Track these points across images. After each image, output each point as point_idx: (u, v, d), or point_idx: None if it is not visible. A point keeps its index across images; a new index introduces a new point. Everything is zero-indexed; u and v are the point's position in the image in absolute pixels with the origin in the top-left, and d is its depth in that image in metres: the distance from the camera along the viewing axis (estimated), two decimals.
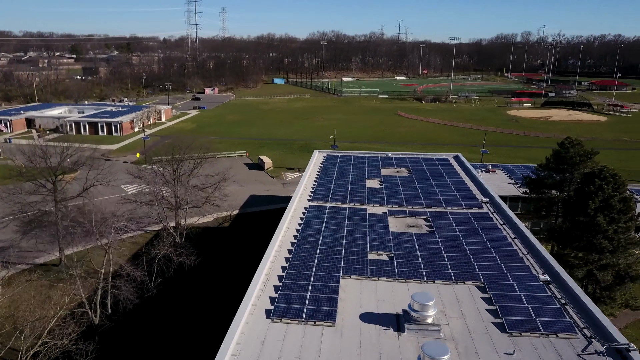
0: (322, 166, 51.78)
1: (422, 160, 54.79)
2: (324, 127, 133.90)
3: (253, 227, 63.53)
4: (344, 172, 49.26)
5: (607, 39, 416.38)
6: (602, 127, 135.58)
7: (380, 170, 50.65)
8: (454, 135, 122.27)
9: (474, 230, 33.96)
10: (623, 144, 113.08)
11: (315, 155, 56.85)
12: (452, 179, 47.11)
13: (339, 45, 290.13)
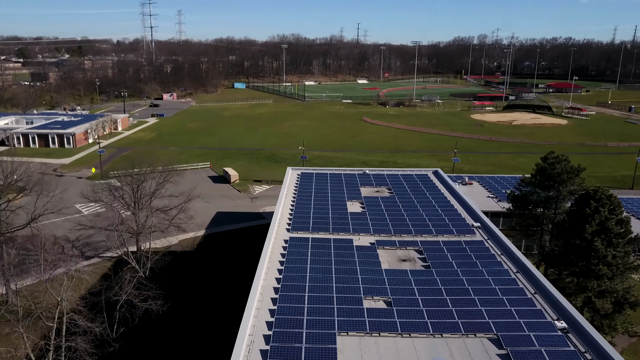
0: (297, 187, 48.18)
1: (402, 177, 52.05)
2: (289, 134, 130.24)
3: (223, 250, 59.21)
4: (322, 193, 45.88)
5: (559, 42, 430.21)
6: (564, 130, 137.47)
7: (360, 189, 47.55)
8: (422, 142, 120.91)
9: (472, 264, 31.24)
10: (587, 149, 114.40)
11: (289, 174, 53.14)
12: (437, 199, 44.49)
13: (299, 48, 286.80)
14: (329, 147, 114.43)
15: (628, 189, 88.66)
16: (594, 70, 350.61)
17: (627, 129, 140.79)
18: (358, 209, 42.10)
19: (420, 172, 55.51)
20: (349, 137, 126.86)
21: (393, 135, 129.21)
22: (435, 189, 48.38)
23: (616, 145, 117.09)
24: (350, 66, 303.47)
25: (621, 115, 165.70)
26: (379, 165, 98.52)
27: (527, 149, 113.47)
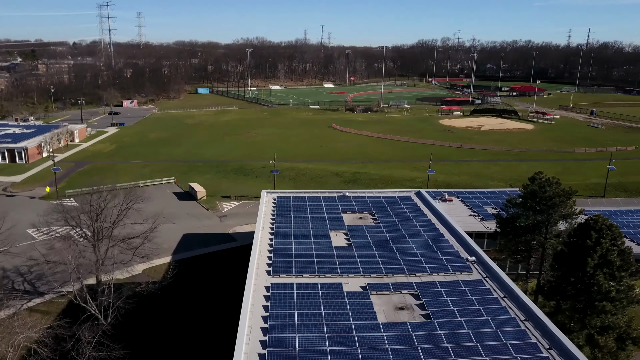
0: (274, 215, 44.54)
1: (384, 201, 49.11)
2: (257, 143, 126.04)
3: (193, 280, 54.83)
4: (302, 222, 42.43)
5: (519, 45, 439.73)
6: (531, 136, 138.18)
7: (342, 216, 44.36)
8: (393, 150, 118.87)
9: (475, 311, 28.44)
10: (556, 155, 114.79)
11: (264, 199, 49.43)
12: (425, 226, 41.73)
13: (264, 52, 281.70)
14: (300, 157, 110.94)
15: (600, 197, 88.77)
16: (553, 73, 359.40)
17: (591, 133, 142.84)
18: (343, 241, 38.85)
19: (402, 194, 52.72)
20: (320, 145, 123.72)
21: (364, 143, 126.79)
22: (421, 213, 45.66)
23: (583, 151, 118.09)
24: (316, 70, 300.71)
25: (584, 119, 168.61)
26: (351, 176, 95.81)
27: (499, 156, 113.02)
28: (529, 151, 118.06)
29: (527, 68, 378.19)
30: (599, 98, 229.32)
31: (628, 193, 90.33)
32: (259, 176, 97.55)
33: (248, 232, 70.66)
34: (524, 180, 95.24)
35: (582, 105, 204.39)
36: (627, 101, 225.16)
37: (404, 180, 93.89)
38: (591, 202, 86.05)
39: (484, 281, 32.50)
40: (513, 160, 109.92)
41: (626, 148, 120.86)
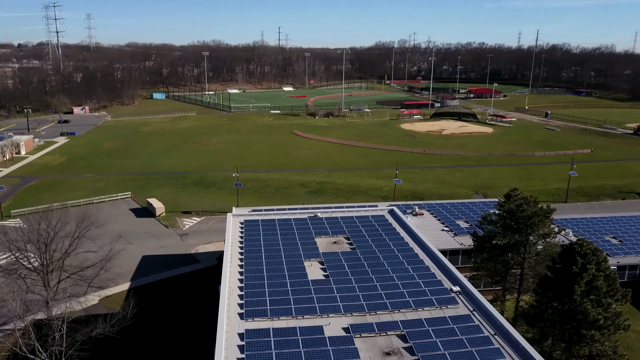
0: (243, 242, 41.58)
1: (358, 221, 46.96)
2: (217, 152, 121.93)
3: (155, 313, 50.91)
4: (274, 250, 39.71)
5: (473, 46, 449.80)
6: (491, 140, 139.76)
7: (315, 241, 41.90)
8: (357, 157, 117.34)
9: (468, 354, 26.55)
10: (517, 159, 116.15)
11: (230, 223, 46.31)
12: (403, 251, 39.85)
13: (221, 54, 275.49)
14: (263, 167, 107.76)
15: (562, 202, 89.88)
16: (507, 74, 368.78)
17: (548, 136, 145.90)
18: (319, 272, 36.38)
19: (375, 212, 50.72)
20: (283, 153, 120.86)
21: (327, 150, 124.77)
22: (397, 235, 43.78)
23: (543, 155, 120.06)
24: (275, 73, 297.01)
25: (539, 121, 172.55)
26: (317, 187, 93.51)
27: (462, 162, 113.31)
28: (490, 156, 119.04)
29: (481, 69, 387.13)
30: (551, 100, 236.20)
31: (588, 197, 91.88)
32: (220, 188, 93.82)
33: (211, 251, 67.24)
34: (489, 186, 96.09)
35: (537, 107, 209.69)
36: (578, 102, 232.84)
37: (370, 189, 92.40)
38: (558, 210, 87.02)
39: (472, 316, 30.77)
40: (476, 166, 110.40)
41: (582, 151, 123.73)
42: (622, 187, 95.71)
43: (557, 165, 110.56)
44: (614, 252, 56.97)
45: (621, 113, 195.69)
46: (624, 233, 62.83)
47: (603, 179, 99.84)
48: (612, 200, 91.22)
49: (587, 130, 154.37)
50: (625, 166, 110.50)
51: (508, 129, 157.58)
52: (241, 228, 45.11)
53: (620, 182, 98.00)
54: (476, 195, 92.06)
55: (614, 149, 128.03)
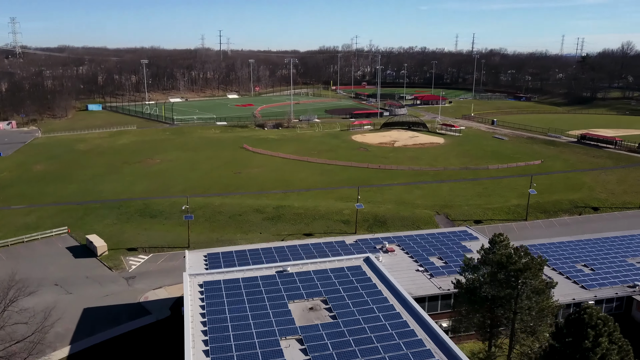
0: (205, 317, 35.76)
1: (333, 276, 42.34)
2: (162, 173, 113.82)
3: None
4: (243, 327, 34.29)
5: (415, 50, 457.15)
6: (444, 151, 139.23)
7: (289, 308, 36.85)
8: (312, 175, 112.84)
9: None
10: (472, 174, 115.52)
11: (188, 286, 40.35)
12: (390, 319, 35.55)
13: (161, 61, 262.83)
14: (213, 189, 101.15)
15: (522, 220, 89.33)
16: (448, 78, 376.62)
17: (498, 146, 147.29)
18: (299, 355, 31.37)
19: (351, 263, 46.26)
20: (233, 172, 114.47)
21: (280, 167, 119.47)
22: (379, 295, 39.49)
23: (497, 168, 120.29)
24: (219, 79, 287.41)
25: (487, 130, 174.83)
26: (273, 212, 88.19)
27: (418, 177, 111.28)
28: (446, 170, 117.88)
29: (423, 73, 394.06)
30: (494, 105, 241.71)
31: (546, 214, 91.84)
32: (168, 217, 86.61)
33: (163, 299, 60.55)
34: (449, 205, 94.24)
35: (482, 114, 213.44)
36: (519, 108, 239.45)
37: (330, 213, 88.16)
38: (516, 227, 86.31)
39: None
40: (433, 182, 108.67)
41: (533, 162, 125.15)
42: (577, 202, 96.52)
43: (512, 179, 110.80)
44: (589, 284, 55.43)
45: (560, 119, 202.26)
46: (594, 260, 61.71)
47: (558, 193, 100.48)
48: (570, 217, 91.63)
49: (534, 138, 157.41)
50: (576, 177, 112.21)
51: (458, 138, 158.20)
52: (201, 294, 39.24)
53: (575, 196, 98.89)
54: (438, 215, 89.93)
55: (562, 159, 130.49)
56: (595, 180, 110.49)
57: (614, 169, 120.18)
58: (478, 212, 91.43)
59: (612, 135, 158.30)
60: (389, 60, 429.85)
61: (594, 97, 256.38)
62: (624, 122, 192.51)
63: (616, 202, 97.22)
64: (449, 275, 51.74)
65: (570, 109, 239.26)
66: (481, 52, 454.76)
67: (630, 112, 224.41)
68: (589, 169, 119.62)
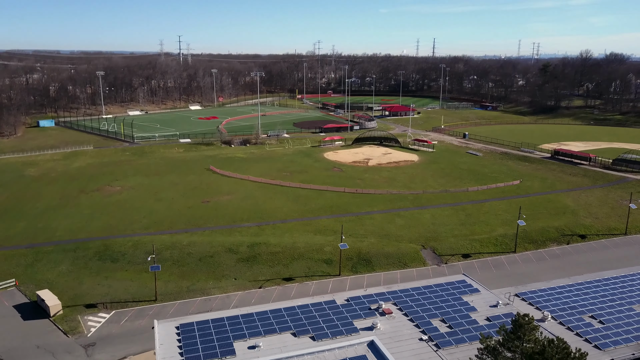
0: None
1: None
2: (122, 203, 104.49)
3: None
4: None
5: (380, 56, 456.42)
6: (420, 170, 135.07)
7: None
8: (287, 202, 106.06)
9: None
10: (452, 198, 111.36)
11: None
12: None
13: (119, 72, 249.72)
14: (180, 224, 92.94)
15: (511, 252, 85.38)
16: (414, 86, 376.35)
17: (473, 163, 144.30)
18: None
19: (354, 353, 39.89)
20: (201, 201, 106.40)
21: (251, 193, 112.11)
22: None
23: (476, 190, 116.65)
24: (180, 90, 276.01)
25: (460, 144, 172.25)
26: (248, 252, 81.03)
27: (398, 203, 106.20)
28: (425, 193, 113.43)
29: (388, 80, 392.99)
30: (462, 116, 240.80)
31: (535, 244, 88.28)
32: (131, 261, 78.16)
33: None
34: (434, 238, 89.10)
35: (452, 125, 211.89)
36: (487, 118, 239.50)
37: (310, 251, 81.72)
38: (506, 261, 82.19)
39: None
40: (413, 208, 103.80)
41: (512, 183, 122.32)
42: (563, 229, 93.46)
43: (493, 202, 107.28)
44: (603, 343, 50.82)
45: (529, 130, 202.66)
46: (601, 310, 57.45)
47: (542, 218, 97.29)
48: (558, 246, 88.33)
49: (508, 154, 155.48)
50: (557, 200, 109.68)
51: (432, 154, 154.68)
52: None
53: (560, 222, 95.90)
54: (424, 250, 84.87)
55: (539, 177, 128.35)
56: (577, 202, 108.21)
57: (593, 188, 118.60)
58: (465, 244, 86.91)
59: (582, 148, 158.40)
60: (354, 67, 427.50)
61: (557, 106, 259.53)
62: (590, 134, 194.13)
63: (602, 229, 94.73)
64: (456, 346, 46.27)
65: (536, 119, 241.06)
66: (444, 58, 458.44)
67: (594, 121, 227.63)
68: (568, 189, 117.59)
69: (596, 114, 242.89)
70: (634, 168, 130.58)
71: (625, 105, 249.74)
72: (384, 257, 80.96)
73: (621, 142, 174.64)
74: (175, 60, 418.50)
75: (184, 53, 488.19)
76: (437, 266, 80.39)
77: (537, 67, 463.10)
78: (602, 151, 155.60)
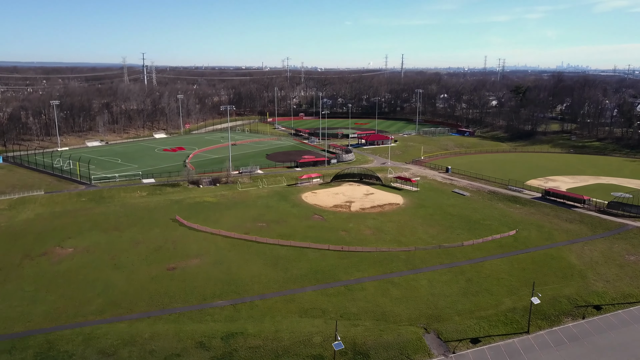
0: None
1: None
2: (75, 274, 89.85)
3: None
4: None
5: (350, 76, 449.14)
6: (407, 218, 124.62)
7: None
8: (266, 268, 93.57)
9: None
10: (447, 256, 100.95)
11: None
12: None
13: (75, 100, 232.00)
14: (141, 304, 79.36)
15: (524, 333, 75.21)
16: (386, 106, 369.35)
17: (462, 206, 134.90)
18: None
19: None
20: (165, 268, 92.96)
21: (224, 256, 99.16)
22: None
23: (471, 244, 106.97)
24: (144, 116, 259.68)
25: (443, 181, 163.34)
26: (222, 348, 68.28)
27: (389, 265, 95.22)
28: (417, 250, 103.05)
29: (360, 101, 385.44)
30: (441, 144, 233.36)
31: (549, 321, 78.30)
32: None
33: None
34: (436, 316, 77.17)
35: (432, 156, 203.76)
36: (466, 146, 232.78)
37: (296, 344, 69.52)
38: (521, 347, 71.77)
39: None
40: (407, 272, 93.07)
41: (508, 234, 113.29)
42: (575, 299, 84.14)
43: (493, 262, 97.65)
44: None
45: (510, 161, 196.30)
46: None
47: (550, 284, 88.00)
48: (574, 322, 78.60)
49: (495, 193, 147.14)
50: (560, 255, 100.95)
51: (417, 195, 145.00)
52: None
53: (570, 290, 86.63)
54: (427, 334, 73.76)
55: (535, 225, 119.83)
56: (581, 258, 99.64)
57: (594, 239, 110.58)
58: (471, 324, 76.26)
59: (570, 185, 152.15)
60: (324, 86, 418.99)
61: (534, 131, 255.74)
62: (573, 166, 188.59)
63: (616, 296, 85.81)
64: None
65: (514, 145, 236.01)
66: (414, 72, 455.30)
67: (574, 149, 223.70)
68: (568, 241, 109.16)
69: (574, 140, 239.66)
70: (630, 212, 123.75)
71: (602, 131, 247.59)
72: (383, 349, 69.44)
73: (607, 175, 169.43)
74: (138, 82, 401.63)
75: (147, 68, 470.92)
76: (445, 357, 69.40)
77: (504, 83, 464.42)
78: (592, 188, 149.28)
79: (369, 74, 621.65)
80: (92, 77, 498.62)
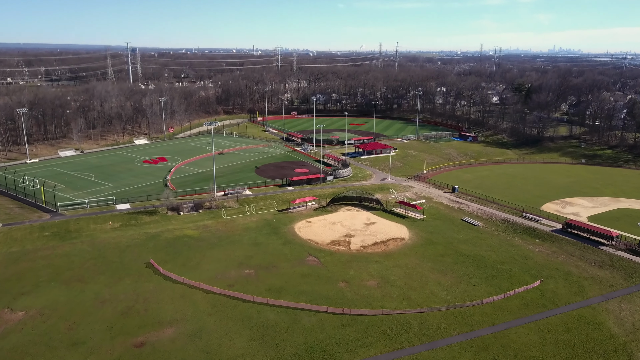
0: None
1: None
2: (22, 355, 73.88)
3: None
4: None
5: (345, 70, 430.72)
6: (416, 261, 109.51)
7: None
8: (251, 346, 78.34)
9: None
10: (465, 319, 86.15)
11: None
12: None
13: (47, 108, 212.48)
14: None
15: None
16: (382, 104, 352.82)
17: (477, 243, 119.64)
18: None
19: None
20: (132, 344, 77.45)
21: (203, 322, 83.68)
22: None
23: (491, 302, 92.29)
24: (125, 119, 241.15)
25: (451, 204, 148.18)
26: None
27: (399, 338, 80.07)
28: (430, 312, 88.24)
29: (354, 96, 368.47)
30: (444, 154, 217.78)
31: None
32: None
33: None
34: None
35: (435, 170, 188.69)
36: (470, 156, 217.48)
37: None
38: None
39: None
40: (421, 347, 78.38)
41: (532, 285, 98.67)
42: None
43: (520, 331, 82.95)
44: None
45: (521, 177, 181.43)
46: None
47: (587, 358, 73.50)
48: None
49: (510, 222, 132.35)
50: (597, 321, 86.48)
51: (423, 226, 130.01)
52: None
53: None
54: None
55: (560, 271, 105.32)
56: (622, 324, 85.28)
57: (632, 292, 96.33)
58: None
59: (590, 211, 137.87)
60: (316, 80, 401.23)
61: (541, 136, 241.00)
62: (589, 183, 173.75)
63: None
64: None
65: (521, 154, 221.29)
66: (413, 72, 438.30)
67: (585, 159, 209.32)
68: (603, 297, 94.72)
69: (584, 148, 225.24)
70: None
71: (613, 136, 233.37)
72: None
73: (628, 197, 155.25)
74: (123, 73, 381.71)
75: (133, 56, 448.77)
76: None
77: (503, 77, 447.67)
78: (615, 216, 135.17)
79: (364, 62, 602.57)
80: (77, 68, 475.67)
